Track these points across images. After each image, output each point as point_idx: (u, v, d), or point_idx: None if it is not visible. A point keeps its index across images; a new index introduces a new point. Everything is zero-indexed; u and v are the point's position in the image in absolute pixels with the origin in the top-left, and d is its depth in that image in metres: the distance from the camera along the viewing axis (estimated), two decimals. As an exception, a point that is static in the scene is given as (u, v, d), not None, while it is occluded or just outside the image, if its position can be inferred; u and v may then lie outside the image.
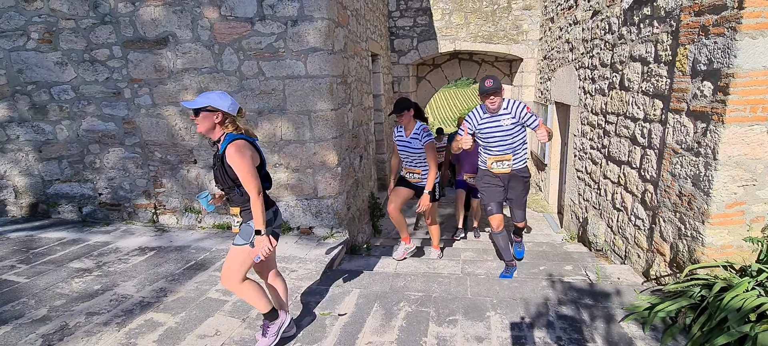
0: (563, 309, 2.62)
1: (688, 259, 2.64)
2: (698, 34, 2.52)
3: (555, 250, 4.35)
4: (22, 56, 3.90)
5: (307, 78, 3.63)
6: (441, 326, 2.48)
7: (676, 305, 2.35)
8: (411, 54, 8.26)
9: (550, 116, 6.39)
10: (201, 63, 3.72)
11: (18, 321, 2.46)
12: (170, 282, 3.01)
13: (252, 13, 3.54)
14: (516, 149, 3.16)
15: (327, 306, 2.71)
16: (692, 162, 2.59)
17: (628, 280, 3.17)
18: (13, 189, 4.33)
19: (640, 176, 3.30)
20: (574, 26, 5.21)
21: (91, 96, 3.97)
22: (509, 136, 3.10)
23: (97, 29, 3.77)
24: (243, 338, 2.35)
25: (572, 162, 5.11)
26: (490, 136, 3.12)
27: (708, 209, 2.45)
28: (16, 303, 2.65)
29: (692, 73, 2.58)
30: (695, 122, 2.56)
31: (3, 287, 2.85)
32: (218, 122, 1.91)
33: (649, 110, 3.15)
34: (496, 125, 3.07)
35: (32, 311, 2.57)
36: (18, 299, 2.70)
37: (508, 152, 3.15)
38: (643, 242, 3.23)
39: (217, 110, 1.88)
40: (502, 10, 7.86)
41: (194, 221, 4.19)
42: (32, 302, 2.67)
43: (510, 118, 3.05)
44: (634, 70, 3.41)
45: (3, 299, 2.70)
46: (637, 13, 3.38)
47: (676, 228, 2.77)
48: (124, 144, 4.08)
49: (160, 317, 2.55)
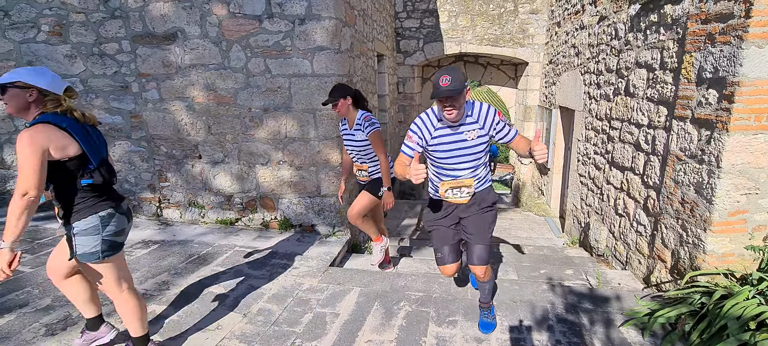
0: (563, 313, 2.63)
1: (690, 266, 2.64)
2: (704, 42, 2.52)
3: (556, 254, 4.35)
4: (33, 48, 3.95)
5: (313, 76, 3.65)
6: (441, 326, 2.49)
7: (676, 311, 2.35)
8: (417, 55, 8.27)
9: (554, 121, 6.39)
10: (208, 59, 3.75)
11: (22, 310, 2.49)
12: (173, 276, 3.04)
13: (260, 10, 3.56)
14: (478, 171, 2.22)
15: (327, 304, 2.73)
16: (696, 169, 2.59)
17: (628, 285, 3.17)
18: (19, 179, 4.38)
19: (643, 182, 3.30)
20: (581, 31, 5.21)
21: (99, 89, 4.01)
22: (473, 155, 2.13)
23: (107, 23, 3.81)
24: (244, 333, 2.37)
25: (575, 167, 5.11)
26: (446, 155, 2.14)
27: (710, 217, 2.45)
28: (21, 292, 2.69)
29: (697, 80, 2.58)
30: (699, 130, 2.56)
31: (8, 275, 2.89)
32: (32, 101, 1.65)
33: (653, 117, 3.15)
34: (457, 140, 2.11)
35: (36, 300, 2.61)
36: (22, 289, 2.73)
37: (468, 176, 2.18)
38: (645, 248, 3.23)
39: (31, 87, 1.64)
40: (508, 14, 7.86)
41: (197, 215, 4.22)
42: (36, 292, 2.70)
43: (476, 131, 2.10)
44: (640, 76, 3.41)
45: (8, 287, 2.73)
46: (644, 20, 3.38)
47: (678, 235, 2.77)
48: (131, 138, 4.12)
49: (163, 310, 2.58)
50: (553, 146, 6.44)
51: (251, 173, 4.04)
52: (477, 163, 2.18)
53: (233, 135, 3.94)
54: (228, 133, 3.94)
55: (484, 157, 2.23)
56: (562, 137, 6.31)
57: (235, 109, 3.86)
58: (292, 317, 2.56)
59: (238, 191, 4.12)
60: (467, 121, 2.11)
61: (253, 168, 4.02)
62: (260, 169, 4.01)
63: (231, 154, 4.01)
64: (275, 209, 4.10)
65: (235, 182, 4.09)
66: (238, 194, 4.13)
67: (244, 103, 3.83)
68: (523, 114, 8.49)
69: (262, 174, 4.02)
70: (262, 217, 4.14)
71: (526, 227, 6.03)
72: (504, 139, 2.19)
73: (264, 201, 4.10)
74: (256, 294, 2.82)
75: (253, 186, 4.08)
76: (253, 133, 3.90)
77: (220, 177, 4.10)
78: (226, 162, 4.04)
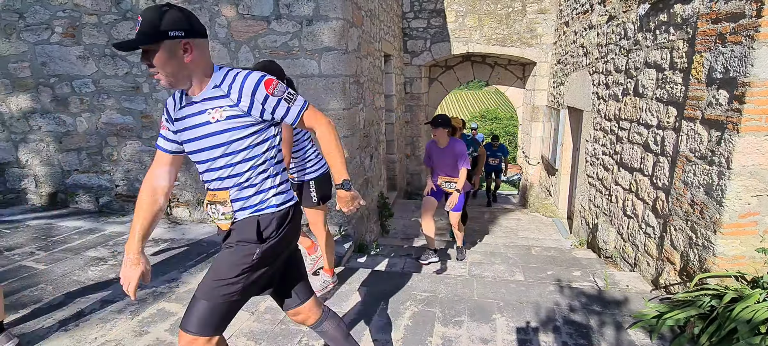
0: (570, 315, 2.62)
1: (699, 268, 2.61)
2: (715, 41, 2.49)
3: (563, 255, 4.33)
4: (46, 50, 4.03)
5: (321, 77, 3.68)
6: (447, 326, 2.49)
7: (685, 314, 2.33)
8: (424, 55, 8.27)
9: (562, 121, 6.35)
10: (217, 60, 3.79)
11: (36, 306, 2.55)
12: (182, 273, 3.08)
13: (269, 12, 3.60)
14: (243, 177, 1.36)
15: (333, 303, 2.75)
16: (705, 171, 2.56)
17: (636, 288, 3.14)
18: (34, 178, 4.47)
19: (652, 183, 3.26)
20: (589, 31, 5.17)
21: (110, 90, 4.08)
22: (223, 146, 1.32)
23: (119, 25, 3.87)
24: (251, 331, 2.40)
25: (583, 167, 5.07)
26: (189, 147, 1.38)
27: (720, 219, 2.42)
28: (35, 289, 2.75)
29: (708, 81, 2.56)
30: (709, 131, 2.54)
31: (23, 272, 2.96)
32: None
33: (662, 117, 3.12)
34: (198, 124, 1.33)
35: (50, 296, 2.66)
36: (37, 285, 2.79)
37: (220, 186, 1.38)
38: (653, 250, 3.20)
39: None
40: (516, 14, 7.82)
41: (206, 214, 4.27)
42: (50, 288, 2.76)
43: (226, 108, 1.30)
44: (649, 76, 3.38)
45: (23, 284, 2.80)
46: (653, 20, 3.35)
47: (687, 237, 2.74)
48: (141, 137, 4.18)
49: (172, 307, 2.62)
50: (560, 147, 6.40)
51: (259, 173, 4.07)
52: (236, 162, 1.34)
53: (241, 135, 3.98)
54: (236, 133, 3.98)
55: (255, 153, 1.36)
56: (570, 138, 6.26)
57: (243, 110, 3.89)
58: (298, 316, 2.58)
59: (246, 190, 4.15)
60: (212, 94, 1.33)
61: (260, 168, 4.05)
62: (268, 169, 4.04)
63: (239, 154, 4.04)
64: (282, 209, 4.13)
65: (243, 181, 4.13)
66: (246, 194, 4.17)
67: (252, 104, 3.86)
68: (531, 114, 8.44)
69: (270, 174, 4.05)
70: (269, 216, 4.17)
71: (534, 228, 6.00)
72: (285, 120, 1.38)
73: (271, 200, 4.14)
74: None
75: (261, 186, 4.11)
76: (261, 133, 3.93)
77: (228, 176, 4.14)
78: (235, 162, 4.08)
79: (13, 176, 4.47)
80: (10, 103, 4.22)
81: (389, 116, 7.10)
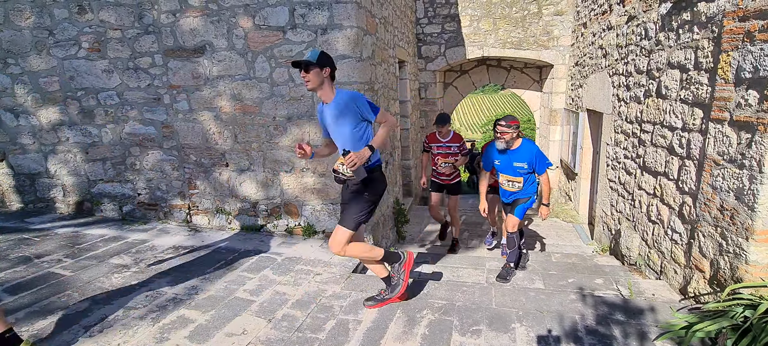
0: (593, 324, 2.53)
1: (730, 277, 2.50)
2: (743, 40, 2.40)
3: (585, 262, 4.21)
4: (74, 64, 4.20)
5: (336, 84, 3.69)
6: (464, 335, 2.45)
7: (717, 325, 2.22)
8: (438, 60, 8.25)
9: (581, 124, 6.21)
10: (235, 70, 3.87)
11: (63, 312, 2.63)
12: (201, 280, 3.13)
13: (284, 22, 3.66)
14: None
15: (350, 311, 2.74)
16: (735, 174, 2.45)
17: (663, 296, 3.02)
18: (61, 188, 4.64)
19: (678, 187, 3.15)
20: (608, 32, 5.06)
21: (133, 101, 4.21)
22: None
23: (141, 39, 4.00)
24: (269, 338, 2.41)
25: (604, 172, 4.94)
26: None
27: (752, 225, 2.31)
28: (62, 295, 2.84)
29: (736, 81, 2.45)
30: (739, 133, 2.43)
31: (51, 279, 3.06)
32: None
33: (687, 119, 3.01)
34: None
35: (76, 303, 2.74)
36: (64, 292, 2.88)
37: None
38: (681, 258, 3.07)
39: None
40: (532, 16, 7.73)
41: (225, 222, 4.34)
42: (76, 295, 2.85)
43: None
44: (672, 77, 3.27)
45: (51, 290, 2.89)
46: (676, 19, 3.25)
47: (717, 244, 2.63)
48: (163, 147, 4.29)
49: (192, 314, 2.66)
50: (580, 151, 6.25)
51: (276, 180, 4.13)
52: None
53: (258, 143, 4.04)
54: (253, 141, 4.05)
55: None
56: (589, 141, 6.12)
57: (260, 118, 3.96)
58: (315, 324, 2.58)
59: (263, 197, 4.21)
60: None
61: (277, 175, 4.10)
62: (284, 177, 4.09)
63: (256, 161, 4.11)
64: (299, 216, 4.17)
65: (260, 188, 4.18)
66: (263, 201, 4.22)
67: (268, 112, 3.92)
68: (549, 118, 8.29)
69: (286, 181, 4.10)
70: (286, 223, 4.22)
71: (553, 234, 5.86)
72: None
73: (288, 208, 4.18)
74: (280, 300, 2.87)
75: (278, 193, 4.16)
76: (277, 141, 3.98)
77: (245, 184, 4.20)
78: (252, 169, 4.14)
79: (43, 185, 4.65)
80: (41, 116, 4.40)
81: (404, 122, 7.09)
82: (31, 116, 4.43)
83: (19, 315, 2.52)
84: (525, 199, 3.64)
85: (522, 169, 3.51)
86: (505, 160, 3.56)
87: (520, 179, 3.55)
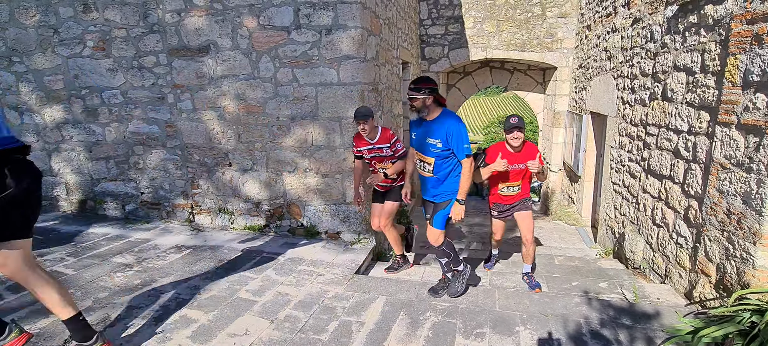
0: (597, 328, 2.51)
1: (737, 281, 2.47)
2: (750, 43, 2.38)
3: (588, 266, 4.18)
4: (78, 63, 4.20)
5: (339, 85, 3.70)
6: (468, 338, 2.43)
7: (723, 330, 2.20)
8: (441, 62, 8.23)
9: (584, 127, 6.18)
10: (239, 70, 3.87)
11: (66, 310, 2.62)
12: (204, 280, 3.12)
13: (288, 22, 3.65)
14: None
15: (353, 312, 2.73)
16: (742, 178, 2.43)
17: (668, 301, 3.00)
18: (65, 186, 4.65)
19: (684, 191, 3.12)
20: (613, 34, 5.04)
21: (137, 100, 4.21)
22: None
23: (146, 38, 4.00)
24: (271, 339, 2.40)
25: (608, 174, 4.91)
26: None
27: (760, 230, 2.29)
28: (65, 293, 2.83)
29: (743, 84, 2.44)
30: (746, 136, 2.41)
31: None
32: None
33: (694, 122, 2.99)
34: None
35: (78, 302, 2.73)
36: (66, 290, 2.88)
37: None
38: (686, 262, 3.05)
39: None
40: (536, 18, 7.71)
41: (227, 221, 4.34)
42: (78, 294, 2.84)
43: None
44: (678, 80, 3.25)
45: (54, 288, 2.88)
46: (682, 21, 3.23)
47: (724, 248, 2.60)
48: (166, 146, 4.30)
49: (194, 314, 2.65)
50: (583, 153, 6.23)
51: (279, 180, 4.12)
52: None
53: (262, 143, 4.04)
54: (257, 141, 4.04)
55: None
56: (593, 144, 6.09)
57: (263, 118, 3.96)
58: (318, 325, 2.57)
59: (266, 197, 4.20)
60: None
61: (280, 175, 4.10)
62: (287, 177, 4.08)
63: (259, 161, 4.10)
64: (302, 216, 4.16)
65: (263, 188, 4.18)
66: (266, 201, 4.22)
67: (272, 112, 3.92)
68: (552, 120, 8.27)
69: (289, 181, 4.09)
70: (288, 223, 4.21)
71: (556, 237, 5.84)
72: None
73: (291, 208, 4.17)
74: (283, 300, 2.86)
75: (281, 193, 4.15)
76: (280, 141, 3.98)
77: (249, 184, 4.20)
78: (255, 169, 4.14)
79: (46, 184, 4.65)
80: (45, 114, 4.41)
81: (407, 123, 7.07)
82: (35, 114, 4.44)
83: (21, 314, 2.52)
84: (443, 203, 2.76)
85: (435, 147, 2.65)
86: (420, 134, 2.78)
87: (432, 159, 2.70)
